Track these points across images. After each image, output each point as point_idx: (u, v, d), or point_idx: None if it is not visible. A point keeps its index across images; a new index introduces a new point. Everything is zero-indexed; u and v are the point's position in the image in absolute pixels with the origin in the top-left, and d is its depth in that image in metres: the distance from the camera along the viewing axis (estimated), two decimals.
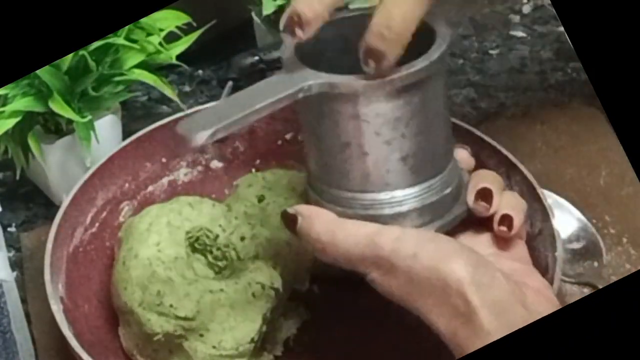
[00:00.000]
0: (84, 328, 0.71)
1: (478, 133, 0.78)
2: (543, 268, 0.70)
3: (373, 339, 0.73)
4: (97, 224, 0.78)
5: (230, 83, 0.87)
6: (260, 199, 0.77)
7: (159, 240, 0.72)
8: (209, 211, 0.75)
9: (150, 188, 0.82)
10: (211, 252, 0.73)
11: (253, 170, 0.85)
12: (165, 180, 0.83)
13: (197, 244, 0.73)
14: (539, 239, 0.72)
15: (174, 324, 0.69)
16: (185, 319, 0.69)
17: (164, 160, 0.82)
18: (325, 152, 0.64)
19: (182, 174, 0.83)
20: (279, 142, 0.85)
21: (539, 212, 0.73)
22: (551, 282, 0.67)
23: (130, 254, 0.72)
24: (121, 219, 0.80)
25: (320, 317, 0.75)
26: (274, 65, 0.90)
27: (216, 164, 0.84)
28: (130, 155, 0.81)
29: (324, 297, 0.76)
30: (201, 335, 0.69)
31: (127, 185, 0.80)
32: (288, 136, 0.84)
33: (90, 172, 0.78)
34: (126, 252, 0.73)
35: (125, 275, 0.71)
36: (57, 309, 0.69)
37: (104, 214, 0.79)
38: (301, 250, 0.72)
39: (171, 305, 0.69)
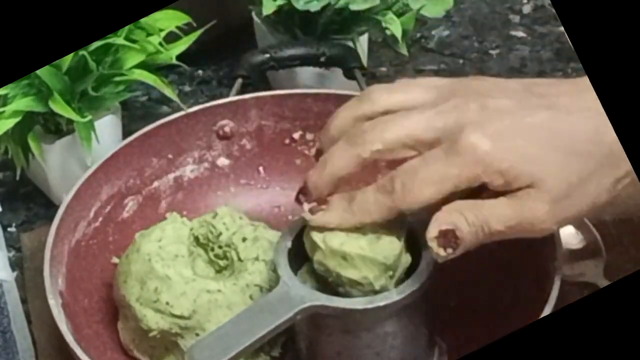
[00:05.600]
0: (82, 322, 0.71)
1: None
2: (543, 276, 0.70)
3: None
4: (100, 219, 0.78)
5: (239, 80, 0.87)
6: None
7: (162, 237, 0.72)
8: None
9: (155, 184, 0.82)
10: (212, 250, 0.73)
11: (260, 168, 0.85)
12: (171, 176, 0.83)
13: (201, 236, 0.73)
14: (540, 246, 0.72)
15: (169, 322, 0.69)
16: (181, 317, 0.69)
17: (170, 156, 0.82)
18: (317, 358, 0.68)
19: (189, 170, 0.83)
20: (287, 141, 0.85)
21: None
22: (550, 290, 0.67)
23: (134, 247, 0.72)
24: (125, 214, 0.80)
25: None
26: (285, 64, 0.90)
27: (223, 162, 0.84)
28: (136, 150, 0.81)
29: None
30: (197, 335, 0.70)
31: (132, 180, 0.80)
32: (296, 135, 0.84)
33: (95, 166, 0.78)
34: (132, 245, 0.73)
35: (126, 268, 0.72)
36: (54, 303, 0.69)
37: (108, 208, 0.79)
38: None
39: (167, 303, 0.69)
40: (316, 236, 0.66)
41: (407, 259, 0.67)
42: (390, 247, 0.66)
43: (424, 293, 0.66)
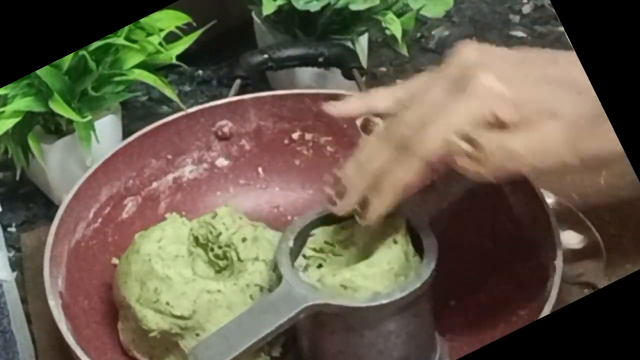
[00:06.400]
0: (82, 323, 0.71)
1: None
2: (543, 275, 0.70)
3: None
4: (100, 219, 0.78)
5: (238, 81, 0.87)
6: None
7: (162, 237, 0.72)
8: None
9: (154, 184, 0.82)
10: (212, 250, 0.73)
11: (259, 169, 0.85)
12: (170, 177, 0.83)
13: (200, 236, 0.73)
14: (540, 246, 0.72)
15: (169, 322, 0.69)
16: (181, 317, 0.69)
17: (169, 157, 0.82)
18: (319, 356, 0.68)
19: (188, 171, 0.83)
20: (286, 141, 0.85)
21: (541, 220, 0.72)
22: (550, 290, 0.67)
23: (134, 248, 0.72)
24: (124, 214, 0.80)
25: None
26: (282, 64, 0.90)
27: (222, 162, 0.84)
28: (135, 151, 0.81)
29: None
30: (197, 335, 0.70)
31: (131, 181, 0.81)
32: (295, 135, 0.84)
33: (94, 167, 0.78)
34: (132, 245, 0.73)
35: (126, 269, 0.72)
36: (54, 304, 0.69)
37: (108, 209, 0.79)
38: None
39: (167, 303, 0.69)
40: (312, 279, 0.66)
41: (416, 260, 0.67)
42: (390, 252, 0.66)
43: (426, 291, 0.66)
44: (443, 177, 0.72)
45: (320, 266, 0.68)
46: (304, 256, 0.68)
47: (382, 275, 0.65)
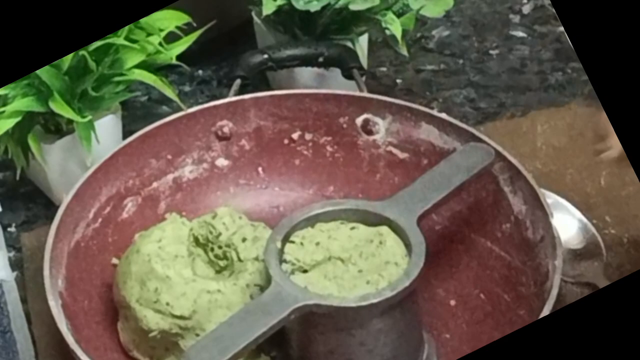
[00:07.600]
0: (82, 323, 0.71)
1: (480, 135, 0.78)
2: (542, 275, 0.70)
3: None
4: (99, 219, 0.78)
5: (238, 81, 0.87)
6: None
7: (161, 237, 0.73)
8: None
9: (154, 184, 0.82)
10: (212, 250, 0.73)
11: (259, 169, 0.85)
12: (170, 177, 0.83)
13: (200, 236, 0.73)
14: (540, 246, 0.72)
15: (169, 322, 0.69)
16: (181, 317, 0.69)
17: (169, 157, 0.82)
18: (310, 356, 0.68)
19: (188, 171, 0.83)
20: (285, 141, 0.85)
21: (541, 220, 0.72)
22: (550, 289, 0.67)
23: (134, 248, 0.72)
24: (124, 214, 0.80)
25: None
26: (282, 64, 0.90)
27: (222, 162, 0.84)
28: (135, 151, 0.81)
29: None
30: (197, 335, 0.70)
31: (131, 181, 0.80)
32: (295, 135, 0.84)
33: (94, 167, 0.78)
34: (132, 245, 0.73)
35: (126, 269, 0.72)
36: (54, 304, 0.69)
37: (108, 209, 0.79)
38: None
39: (167, 303, 0.69)
40: (299, 283, 0.67)
41: (408, 260, 0.67)
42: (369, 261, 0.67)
43: (414, 289, 0.66)
44: (426, 177, 0.72)
45: (305, 272, 0.68)
46: (285, 261, 0.68)
47: (363, 287, 0.66)
